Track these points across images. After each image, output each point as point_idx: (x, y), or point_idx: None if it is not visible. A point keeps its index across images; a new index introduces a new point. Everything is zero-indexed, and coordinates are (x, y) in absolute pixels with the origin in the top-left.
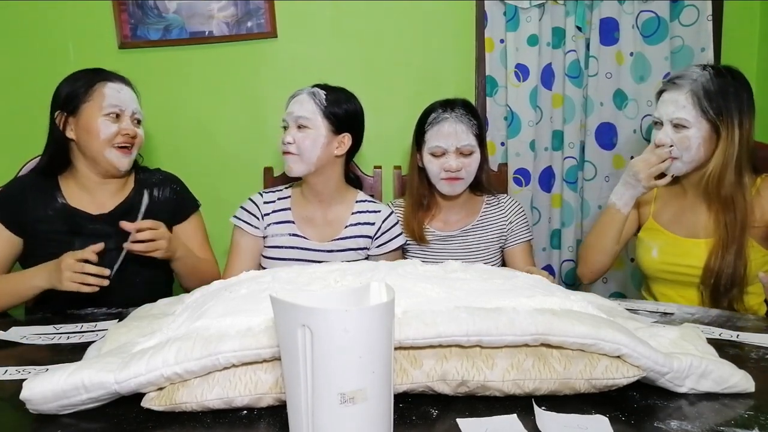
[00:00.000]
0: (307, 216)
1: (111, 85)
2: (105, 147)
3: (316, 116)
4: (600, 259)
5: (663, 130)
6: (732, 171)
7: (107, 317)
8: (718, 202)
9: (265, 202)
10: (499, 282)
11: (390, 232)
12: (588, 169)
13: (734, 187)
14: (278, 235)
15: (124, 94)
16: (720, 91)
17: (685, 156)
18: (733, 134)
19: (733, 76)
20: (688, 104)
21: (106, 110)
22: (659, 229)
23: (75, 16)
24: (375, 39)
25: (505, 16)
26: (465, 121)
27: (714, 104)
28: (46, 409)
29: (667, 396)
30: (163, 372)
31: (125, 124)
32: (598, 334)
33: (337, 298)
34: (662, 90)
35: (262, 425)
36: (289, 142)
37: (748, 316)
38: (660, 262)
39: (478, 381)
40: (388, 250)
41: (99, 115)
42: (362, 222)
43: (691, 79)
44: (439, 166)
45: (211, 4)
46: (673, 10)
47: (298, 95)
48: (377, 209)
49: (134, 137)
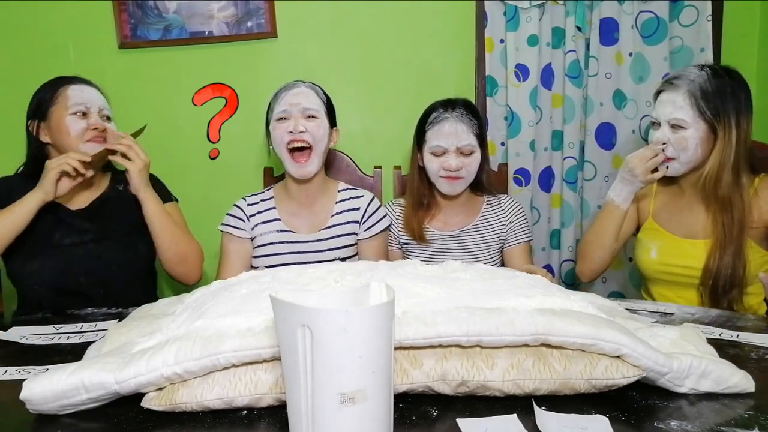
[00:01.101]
0: (292, 211)
1: (73, 87)
2: (77, 143)
3: (321, 108)
4: (600, 255)
5: (660, 130)
6: (729, 171)
7: (107, 317)
8: (715, 202)
9: (249, 204)
10: (500, 282)
11: (376, 215)
12: (588, 169)
13: (731, 187)
14: (266, 233)
15: (88, 93)
16: (717, 91)
17: (683, 156)
18: (731, 135)
19: (731, 76)
20: (686, 105)
21: (72, 109)
22: (658, 229)
23: (75, 16)
24: (375, 39)
25: (505, 16)
26: (465, 120)
27: (711, 105)
28: (46, 409)
29: (667, 396)
30: (163, 372)
31: (93, 120)
32: (598, 334)
33: (337, 298)
34: (660, 90)
35: (262, 425)
36: (301, 131)
37: (748, 316)
38: (658, 262)
39: (478, 381)
40: (376, 232)
41: (66, 114)
42: (347, 209)
43: (689, 79)
44: (439, 165)
45: (211, 4)
46: (673, 11)
47: (295, 88)
48: (360, 194)
49: (104, 131)
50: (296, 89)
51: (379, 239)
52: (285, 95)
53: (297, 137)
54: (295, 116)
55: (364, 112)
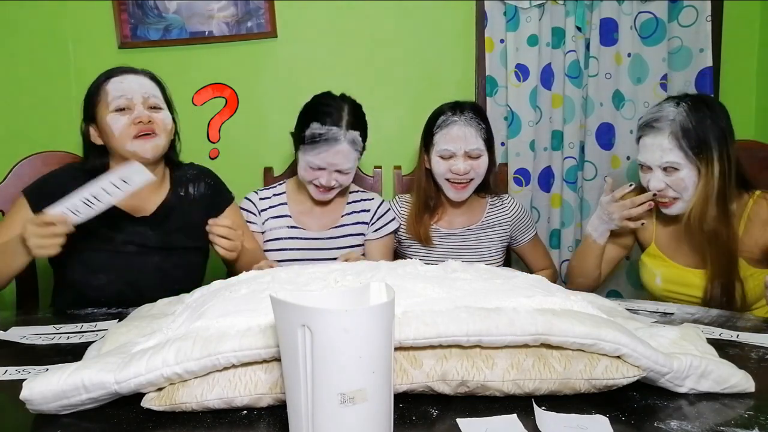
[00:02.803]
0: (303, 209)
1: (114, 80)
2: (125, 141)
3: (355, 160)
4: (582, 282)
5: (654, 176)
6: (714, 205)
7: (107, 317)
8: (702, 237)
9: (261, 198)
10: (499, 282)
11: (385, 217)
12: (588, 169)
13: (717, 220)
14: (276, 229)
15: (128, 83)
16: (699, 125)
17: (685, 195)
18: (713, 169)
19: (708, 105)
20: (674, 146)
21: (113, 105)
22: (661, 257)
23: (75, 16)
24: (375, 39)
25: (505, 16)
26: (474, 124)
27: (693, 142)
28: (46, 409)
29: (667, 396)
30: (163, 372)
31: (137, 113)
32: (598, 334)
33: (337, 298)
34: (641, 135)
35: (262, 425)
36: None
37: (748, 315)
38: (663, 289)
39: (478, 381)
40: (383, 234)
41: (108, 113)
42: (358, 210)
43: (669, 119)
44: (446, 168)
45: (211, 4)
46: (672, 11)
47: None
48: (371, 197)
49: (150, 122)
50: (337, 147)
51: (385, 241)
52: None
53: (325, 185)
54: (329, 171)
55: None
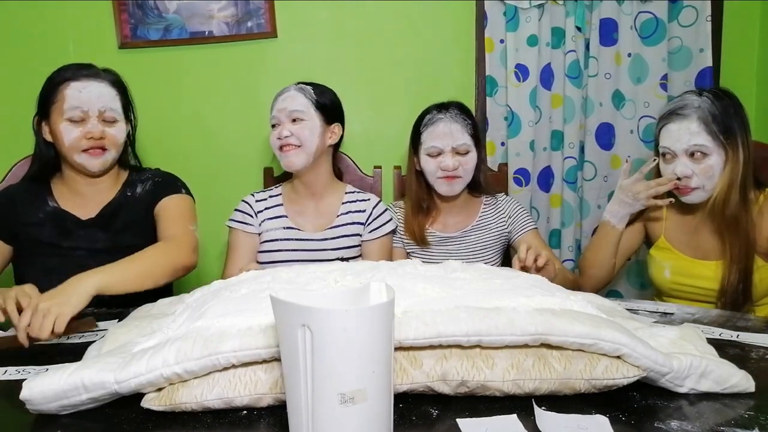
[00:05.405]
0: (299, 210)
1: (73, 85)
2: (73, 153)
3: (309, 108)
4: (597, 273)
5: (680, 161)
6: (737, 191)
7: (107, 317)
8: (723, 222)
9: (257, 200)
10: (499, 282)
11: (381, 218)
12: (588, 169)
13: (739, 206)
14: (273, 230)
15: (87, 93)
16: (725, 112)
17: (708, 184)
18: (738, 155)
19: (729, 96)
20: (702, 131)
21: (67, 114)
22: (670, 249)
23: (75, 16)
24: (375, 39)
25: (505, 16)
26: (459, 120)
27: (722, 127)
28: (46, 409)
29: (667, 396)
30: (163, 372)
31: (90, 126)
32: (598, 334)
33: (337, 298)
34: (664, 124)
35: (262, 425)
36: (287, 135)
37: (748, 316)
38: (672, 281)
39: (478, 381)
40: (380, 235)
41: (61, 120)
42: (353, 210)
43: (694, 107)
44: (435, 165)
45: (211, 4)
46: (672, 11)
47: (285, 92)
48: (367, 198)
49: (102, 138)
50: (285, 94)
51: (382, 242)
52: (276, 101)
53: (284, 142)
54: (282, 122)
55: (364, 112)
